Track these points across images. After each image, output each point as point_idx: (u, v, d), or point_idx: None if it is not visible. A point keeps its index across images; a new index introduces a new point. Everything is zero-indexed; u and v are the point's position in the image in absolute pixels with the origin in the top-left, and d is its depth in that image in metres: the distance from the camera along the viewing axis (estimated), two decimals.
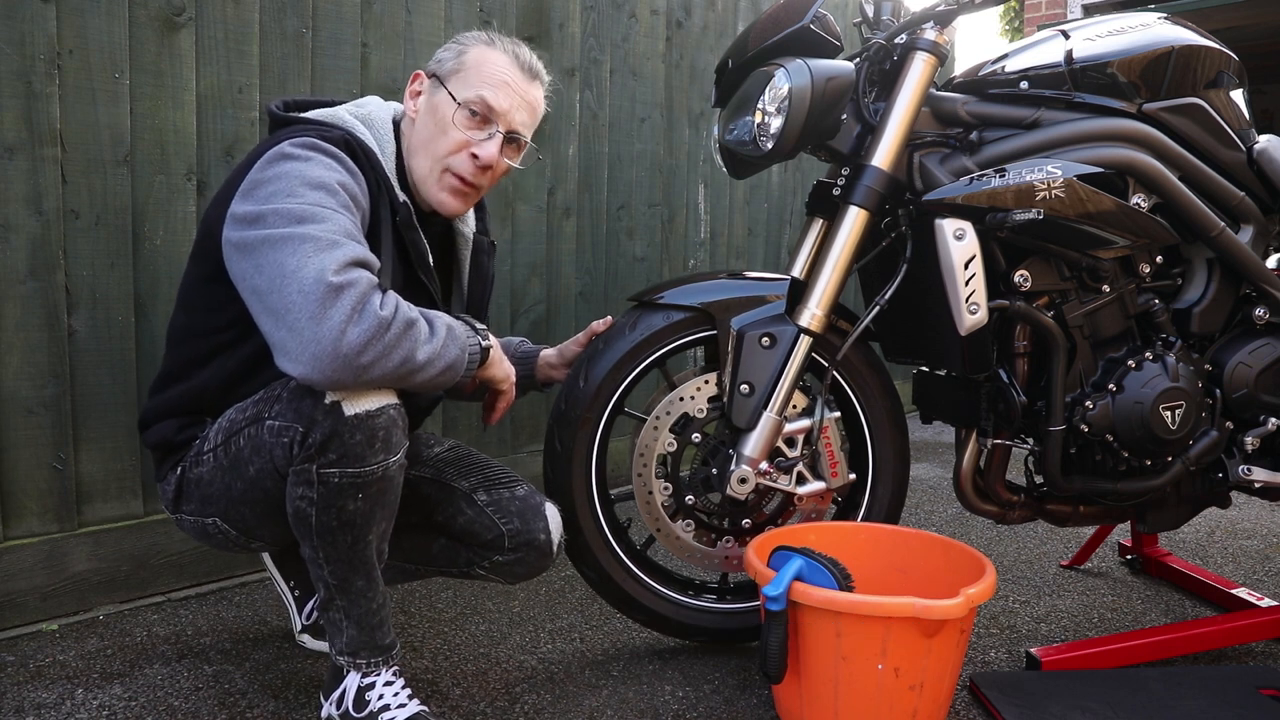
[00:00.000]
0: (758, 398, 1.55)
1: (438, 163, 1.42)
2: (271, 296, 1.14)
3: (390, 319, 1.15)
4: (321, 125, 1.35)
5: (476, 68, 1.41)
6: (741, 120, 1.60)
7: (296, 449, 1.22)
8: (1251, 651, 1.79)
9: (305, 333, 1.11)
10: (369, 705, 1.31)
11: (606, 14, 2.77)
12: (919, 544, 1.56)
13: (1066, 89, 1.61)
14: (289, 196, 1.20)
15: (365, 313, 1.13)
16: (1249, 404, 1.66)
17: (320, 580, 1.30)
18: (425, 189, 1.44)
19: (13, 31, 1.66)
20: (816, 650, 1.29)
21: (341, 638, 1.32)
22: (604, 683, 1.58)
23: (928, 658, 1.27)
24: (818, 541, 1.53)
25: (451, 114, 1.39)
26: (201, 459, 1.34)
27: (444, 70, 1.42)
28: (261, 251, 1.17)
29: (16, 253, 1.70)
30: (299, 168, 1.24)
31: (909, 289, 1.60)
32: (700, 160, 3.16)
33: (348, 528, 1.26)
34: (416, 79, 1.45)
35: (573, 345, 1.75)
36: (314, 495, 1.23)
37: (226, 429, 1.31)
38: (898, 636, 1.25)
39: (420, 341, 1.20)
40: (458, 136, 1.40)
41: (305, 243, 1.15)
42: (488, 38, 1.45)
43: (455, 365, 1.26)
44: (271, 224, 1.18)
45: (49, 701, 1.47)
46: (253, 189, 1.24)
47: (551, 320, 2.70)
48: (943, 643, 1.28)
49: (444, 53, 1.45)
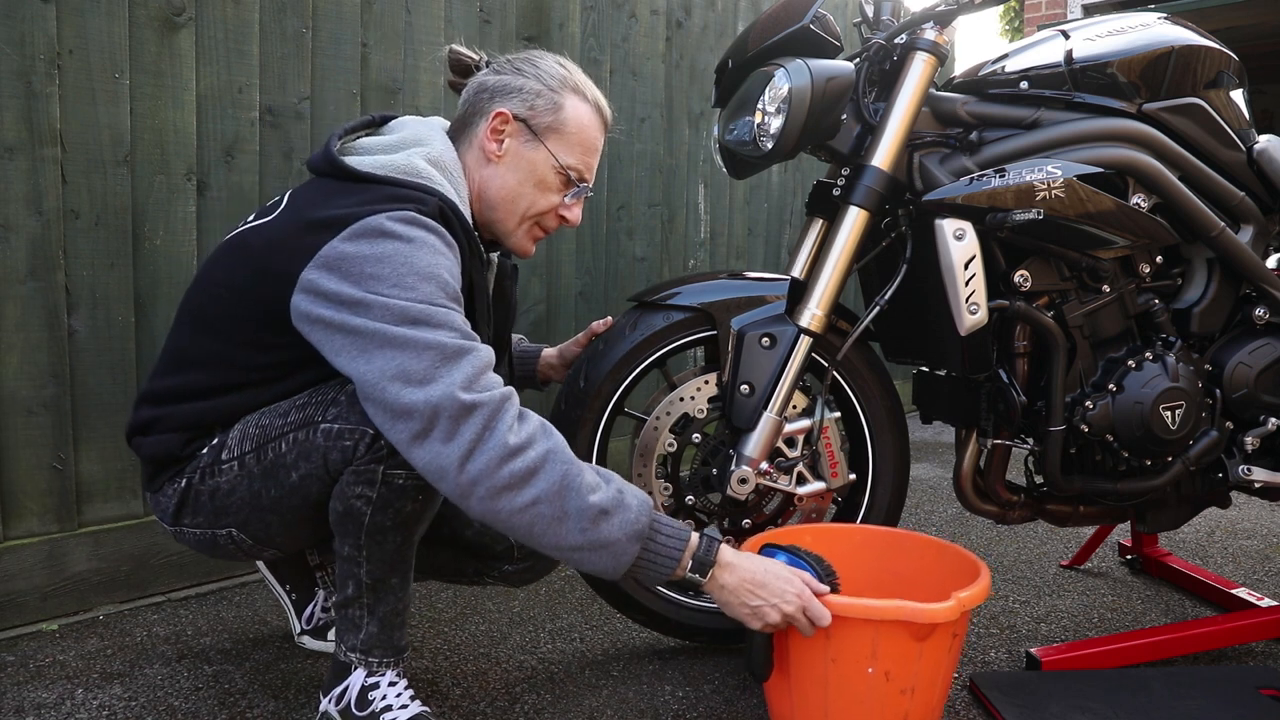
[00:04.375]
0: (758, 398, 1.55)
1: (528, 218, 1.40)
2: (388, 393, 1.11)
3: (520, 447, 1.11)
4: (411, 189, 1.25)
5: (578, 132, 1.39)
6: (741, 120, 1.60)
7: (363, 450, 1.21)
8: (1251, 651, 1.79)
9: (440, 451, 1.10)
10: (371, 705, 1.31)
11: (606, 14, 2.77)
12: (913, 546, 1.53)
13: (1066, 89, 1.61)
14: (397, 287, 1.14)
15: (493, 436, 1.10)
16: (1249, 404, 1.66)
17: (351, 578, 1.29)
18: (509, 238, 1.42)
19: (13, 31, 1.66)
20: (805, 652, 1.27)
21: (358, 634, 1.32)
22: (604, 683, 1.58)
23: (919, 661, 1.24)
24: (812, 543, 1.49)
25: (551, 177, 1.38)
26: (219, 469, 1.29)
27: (539, 123, 1.37)
28: (369, 344, 1.13)
29: (16, 253, 1.70)
30: (405, 251, 1.16)
31: (909, 289, 1.60)
32: (700, 160, 3.16)
33: (400, 528, 1.26)
34: (499, 117, 1.35)
35: (573, 345, 1.75)
36: (373, 495, 1.23)
37: (258, 436, 1.27)
38: (888, 639, 1.23)
39: (570, 490, 1.12)
40: (554, 200, 1.40)
41: (428, 350, 1.11)
42: (574, 81, 1.40)
43: (613, 548, 1.15)
44: (380, 317, 1.12)
45: (49, 701, 1.47)
46: (346, 264, 1.15)
47: (551, 320, 2.70)
48: (934, 646, 1.25)
49: (532, 96, 1.36)
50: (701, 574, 1.21)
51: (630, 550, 1.16)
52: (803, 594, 1.21)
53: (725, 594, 1.22)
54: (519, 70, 1.39)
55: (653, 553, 1.18)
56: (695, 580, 1.21)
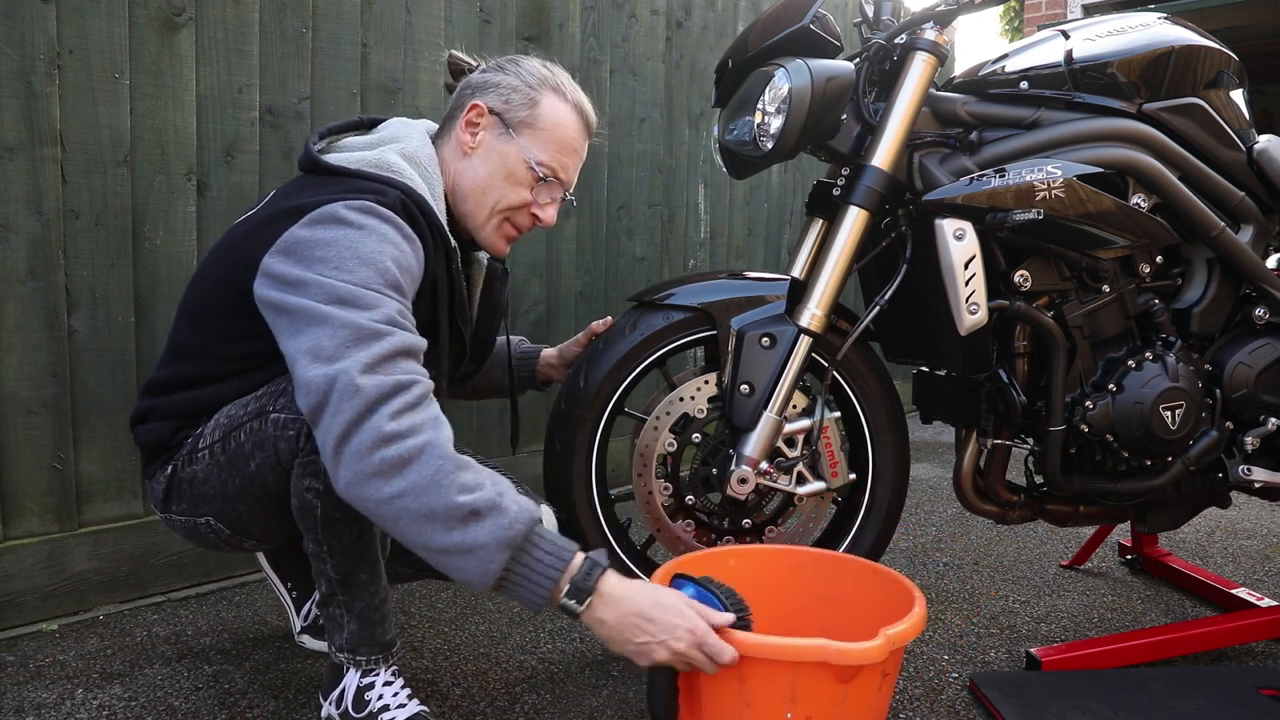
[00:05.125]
0: (758, 398, 1.54)
1: (497, 212, 1.40)
2: (298, 367, 1.12)
3: (397, 434, 1.07)
4: (377, 182, 1.27)
5: (552, 129, 1.39)
6: (741, 120, 1.60)
7: (303, 440, 1.22)
8: (1251, 651, 1.79)
9: (326, 427, 1.08)
10: (369, 705, 1.31)
11: (606, 14, 2.77)
12: (849, 571, 1.40)
13: (1066, 89, 1.61)
14: (336, 269, 1.15)
15: (372, 419, 1.07)
16: (1249, 404, 1.66)
17: (322, 575, 1.30)
18: (479, 233, 1.42)
19: (13, 31, 1.66)
20: (718, 695, 1.14)
21: (342, 634, 1.32)
22: (604, 683, 1.58)
23: (844, 704, 1.12)
24: (738, 567, 1.39)
25: (521, 171, 1.38)
26: (196, 457, 1.32)
27: (514, 117, 1.38)
28: (299, 321, 1.14)
29: (16, 253, 1.70)
30: (352, 237, 1.18)
31: (909, 289, 1.61)
32: (700, 160, 3.16)
33: (353, 520, 1.25)
34: (474, 109, 1.37)
35: (573, 345, 1.75)
36: (320, 487, 1.23)
37: (225, 425, 1.29)
38: (808, 682, 1.10)
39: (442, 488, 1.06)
40: (524, 195, 1.40)
41: (344, 328, 1.11)
42: (554, 81, 1.41)
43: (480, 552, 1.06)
44: (314, 295, 1.14)
45: (49, 701, 1.47)
46: (298, 247, 1.18)
47: (551, 320, 2.70)
48: (861, 688, 1.13)
49: (509, 90, 1.38)
50: (579, 601, 1.08)
51: (498, 559, 1.05)
52: (697, 629, 1.08)
53: (606, 629, 1.09)
54: (502, 69, 1.41)
55: (525, 566, 1.07)
56: (571, 609, 1.08)
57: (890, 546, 2.35)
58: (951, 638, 1.80)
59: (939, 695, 1.55)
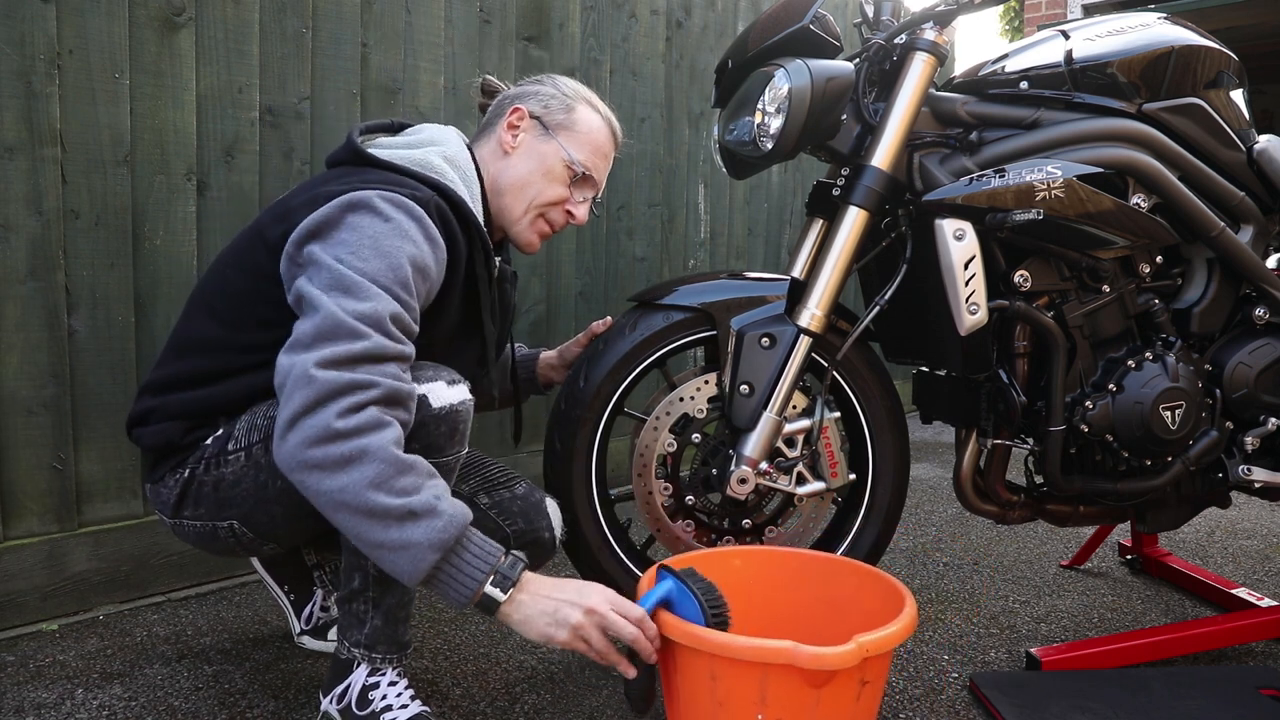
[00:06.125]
0: (757, 398, 1.55)
1: (535, 208, 1.46)
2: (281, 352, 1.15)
3: (342, 433, 1.08)
4: (416, 181, 1.31)
5: (589, 134, 1.48)
6: (741, 120, 1.60)
7: None
8: (1251, 651, 1.79)
9: (280, 409, 1.11)
10: (372, 704, 1.31)
11: (606, 14, 2.77)
12: (852, 575, 1.39)
13: (1066, 89, 1.61)
14: (352, 254, 1.18)
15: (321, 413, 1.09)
16: (1249, 404, 1.66)
17: (357, 570, 1.29)
18: (514, 228, 1.48)
19: (13, 31, 1.66)
20: (691, 691, 1.16)
21: (363, 629, 1.31)
22: (604, 683, 1.58)
23: (816, 710, 1.11)
24: (742, 567, 1.39)
25: (560, 168, 1.46)
26: (225, 460, 1.29)
27: (553, 119, 1.46)
28: (303, 300, 1.17)
29: (16, 253, 1.70)
30: (376, 226, 1.20)
31: (909, 289, 1.61)
32: (700, 160, 3.16)
33: None
34: (516, 113, 1.45)
35: (573, 346, 1.76)
36: None
37: (266, 428, 1.27)
38: (777, 684, 1.10)
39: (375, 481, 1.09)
40: (561, 192, 1.47)
41: (325, 321, 1.13)
42: (587, 95, 1.51)
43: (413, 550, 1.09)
44: (319, 280, 1.17)
45: (49, 701, 1.47)
46: (324, 226, 1.21)
47: (551, 320, 2.70)
48: (835, 694, 1.11)
49: (547, 97, 1.47)
50: (502, 589, 1.13)
51: (429, 558, 1.10)
52: (598, 608, 1.13)
53: (523, 611, 1.14)
54: (539, 82, 1.51)
55: (453, 566, 1.12)
56: (495, 596, 1.13)
57: (890, 546, 2.35)
58: (951, 638, 1.80)
59: (939, 695, 1.55)
